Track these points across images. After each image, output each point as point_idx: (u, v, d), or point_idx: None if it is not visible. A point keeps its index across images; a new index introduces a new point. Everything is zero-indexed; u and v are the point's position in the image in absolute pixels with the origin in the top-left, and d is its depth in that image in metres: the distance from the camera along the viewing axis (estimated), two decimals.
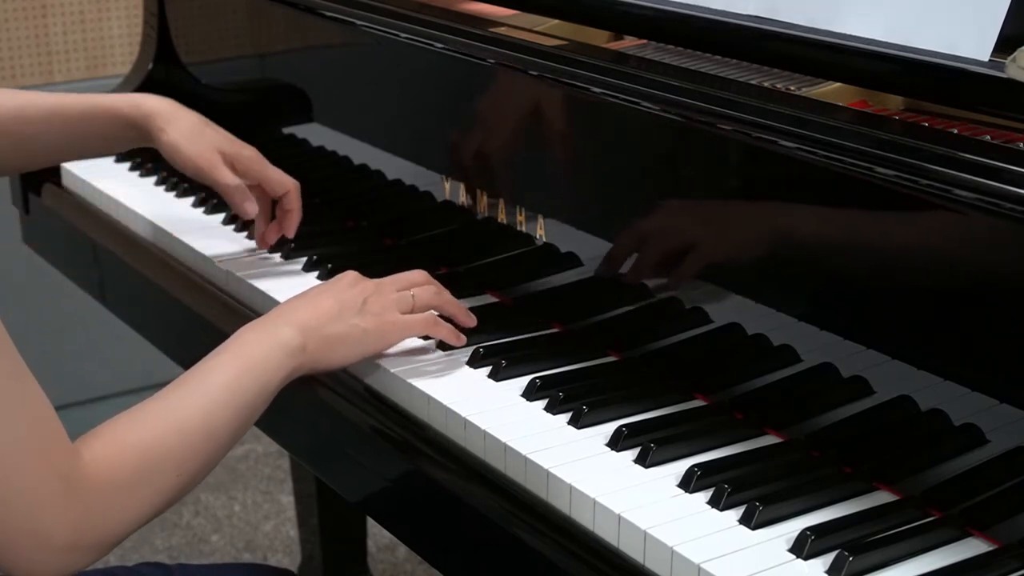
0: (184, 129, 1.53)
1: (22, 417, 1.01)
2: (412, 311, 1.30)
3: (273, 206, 1.57)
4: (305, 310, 1.25)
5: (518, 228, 1.44)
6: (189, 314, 1.58)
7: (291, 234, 1.55)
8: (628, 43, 1.41)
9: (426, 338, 1.34)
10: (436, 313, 1.32)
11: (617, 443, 1.16)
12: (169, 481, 1.11)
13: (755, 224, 1.21)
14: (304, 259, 1.56)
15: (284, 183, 1.54)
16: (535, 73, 1.37)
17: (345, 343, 1.25)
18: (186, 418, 1.13)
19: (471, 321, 1.34)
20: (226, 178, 1.52)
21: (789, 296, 1.19)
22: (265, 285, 1.50)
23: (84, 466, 1.05)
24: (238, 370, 1.18)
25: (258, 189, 1.55)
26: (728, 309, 1.24)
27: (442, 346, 1.33)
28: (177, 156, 1.53)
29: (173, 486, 1.11)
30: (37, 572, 1.04)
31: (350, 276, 1.31)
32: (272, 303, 1.47)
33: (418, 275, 1.34)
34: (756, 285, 1.22)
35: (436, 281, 1.35)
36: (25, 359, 1.03)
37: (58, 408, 1.05)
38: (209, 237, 1.66)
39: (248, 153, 1.54)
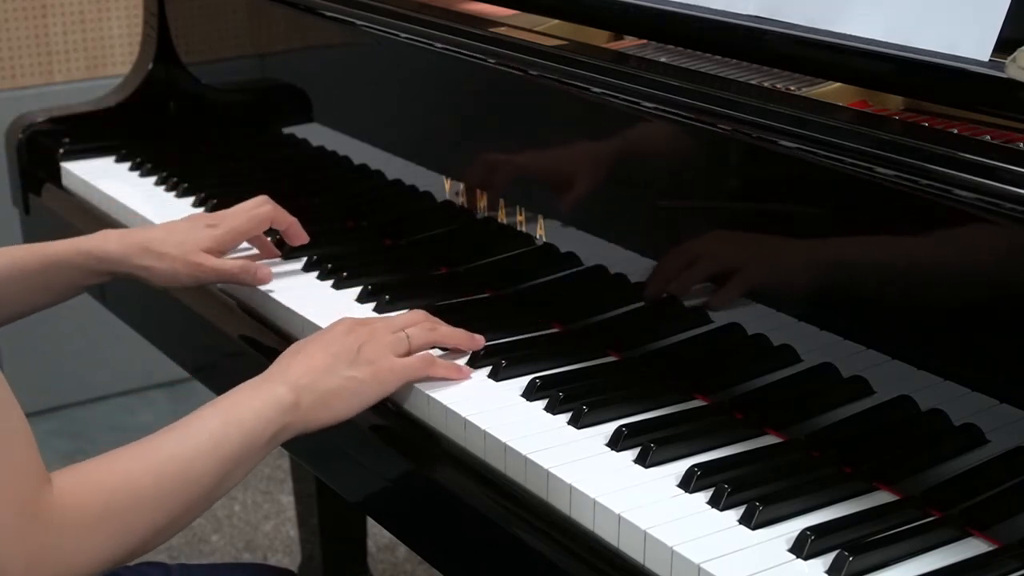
0: (157, 256, 1.46)
1: None
2: (409, 352, 1.27)
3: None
4: (298, 368, 1.21)
5: (518, 228, 1.44)
6: (189, 314, 1.58)
7: (300, 242, 1.53)
8: (628, 43, 1.41)
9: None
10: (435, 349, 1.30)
11: (617, 443, 1.16)
12: (141, 524, 1.07)
13: (755, 224, 1.21)
14: (304, 259, 1.56)
15: (261, 220, 1.50)
16: (535, 73, 1.37)
17: (341, 397, 1.22)
18: (165, 462, 1.10)
19: (477, 344, 1.32)
20: (229, 268, 1.48)
21: (789, 296, 1.19)
22: (265, 285, 1.50)
23: (51, 499, 1.02)
24: (225, 422, 1.15)
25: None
26: (728, 309, 1.24)
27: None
28: (171, 282, 1.48)
29: (145, 530, 1.08)
30: None
31: (343, 324, 1.28)
32: (272, 303, 1.47)
33: (415, 315, 1.32)
34: (756, 285, 1.22)
35: (433, 318, 1.32)
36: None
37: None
38: None
39: (219, 232, 1.48)
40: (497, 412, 1.22)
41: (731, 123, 1.18)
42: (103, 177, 1.88)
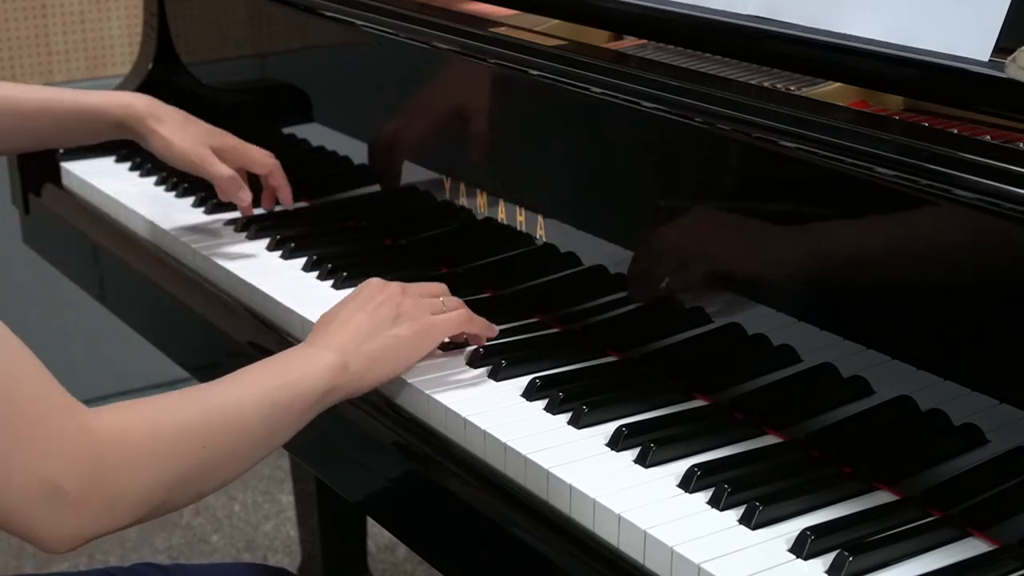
0: (173, 127, 1.61)
1: (32, 375, 1.02)
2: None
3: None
4: (341, 333, 1.23)
5: (518, 228, 1.44)
6: (189, 314, 1.58)
7: (288, 203, 1.67)
8: (628, 43, 1.41)
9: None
10: None
11: (617, 443, 1.16)
12: (191, 451, 1.09)
13: (755, 224, 1.21)
14: (304, 259, 1.56)
15: (266, 163, 1.65)
16: (535, 73, 1.37)
17: (387, 356, 1.24)
18: (211, 400, 1.12)
19: (493, 332, 1.34)
20: (220, 170, 1.60)
21: (789, 296, 1.19)
22: (266, 286, 1.50)
23: (94, 423, 1.04)
24: (272, 377, 1.17)
25: (242, 171, 1.64)
26: (728, 309, 1.24)
27: (442, 346, 1.33)
28: (169, 153, 1.61)
29: (197, 457, 1.09)
30: (52, 531, 1.01)
31: (374, 285, 1.29)
32: (272, 303, 1.47)
33: (438, 286, 1.34)
34: (756, 285, 1.22)
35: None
36: None
37: None
38: (209, 237, 1.66)
39: (231, 142, 1.63)
40: (497, 412, 1.22)
41: (731, 123, 1.18)
42: (103, 177, 1.88)
